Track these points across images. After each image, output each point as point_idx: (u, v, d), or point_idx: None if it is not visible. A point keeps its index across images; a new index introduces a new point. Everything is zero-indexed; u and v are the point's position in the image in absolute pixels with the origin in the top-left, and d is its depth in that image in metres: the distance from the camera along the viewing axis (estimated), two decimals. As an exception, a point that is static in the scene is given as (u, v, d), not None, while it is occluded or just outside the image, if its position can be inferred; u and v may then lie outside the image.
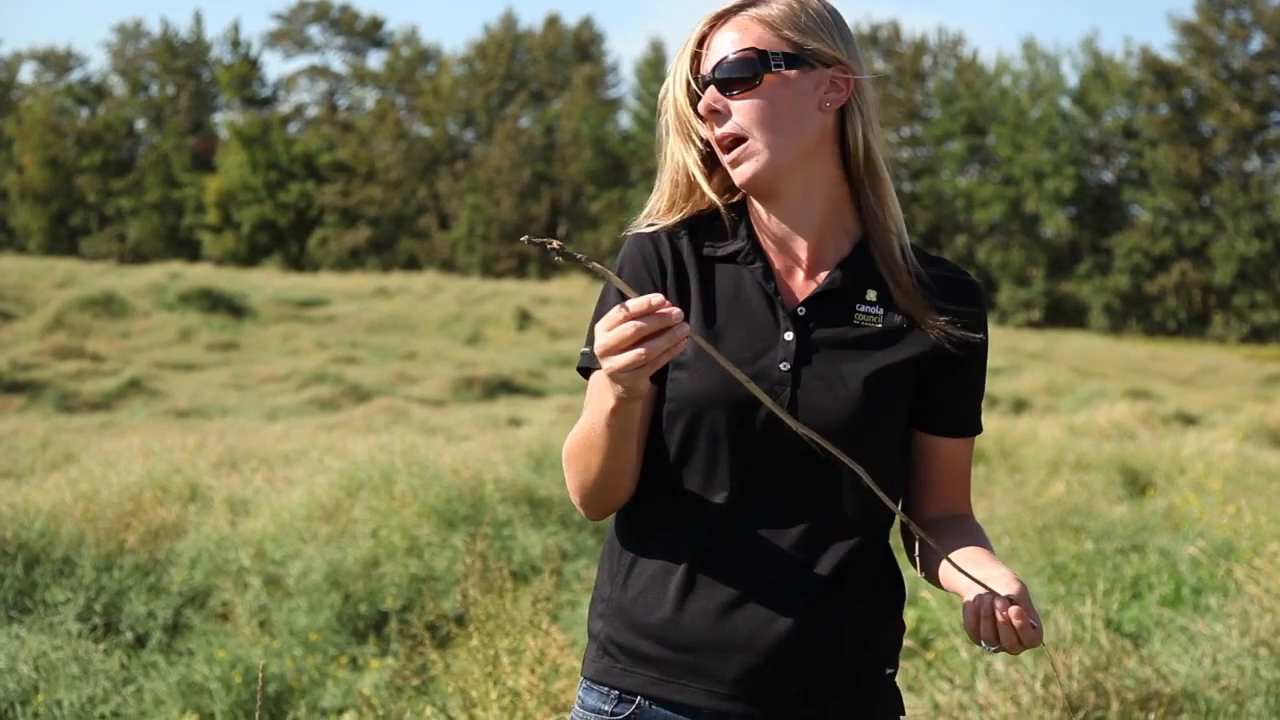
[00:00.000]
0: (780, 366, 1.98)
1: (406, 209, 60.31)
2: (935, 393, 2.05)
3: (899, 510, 1.86)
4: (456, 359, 25.03)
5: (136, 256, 56.42)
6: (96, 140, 64.14)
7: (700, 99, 2.02)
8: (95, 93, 67.03)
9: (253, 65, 66.06)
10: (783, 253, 2.05)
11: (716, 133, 2.00)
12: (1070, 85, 55.31)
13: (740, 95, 1.98)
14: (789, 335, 1.99)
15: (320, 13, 66.90)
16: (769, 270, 2.03)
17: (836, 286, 2.02)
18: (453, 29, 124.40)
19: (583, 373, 2.05)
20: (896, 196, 2.07)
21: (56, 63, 68.62)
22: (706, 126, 2.02)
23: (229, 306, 28.79)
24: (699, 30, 2.04)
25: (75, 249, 60.15)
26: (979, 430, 2.12)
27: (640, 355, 1.72)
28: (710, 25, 2.03)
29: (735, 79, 1.98)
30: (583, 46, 62.09)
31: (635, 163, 56.30)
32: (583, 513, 2.05)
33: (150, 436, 11.54)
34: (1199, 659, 4.86)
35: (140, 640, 5.96)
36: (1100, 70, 54.25)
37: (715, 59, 2.00)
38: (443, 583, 6.47)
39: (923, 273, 2.05)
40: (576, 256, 1.74)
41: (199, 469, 8.82)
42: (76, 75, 68.40)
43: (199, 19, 73.46)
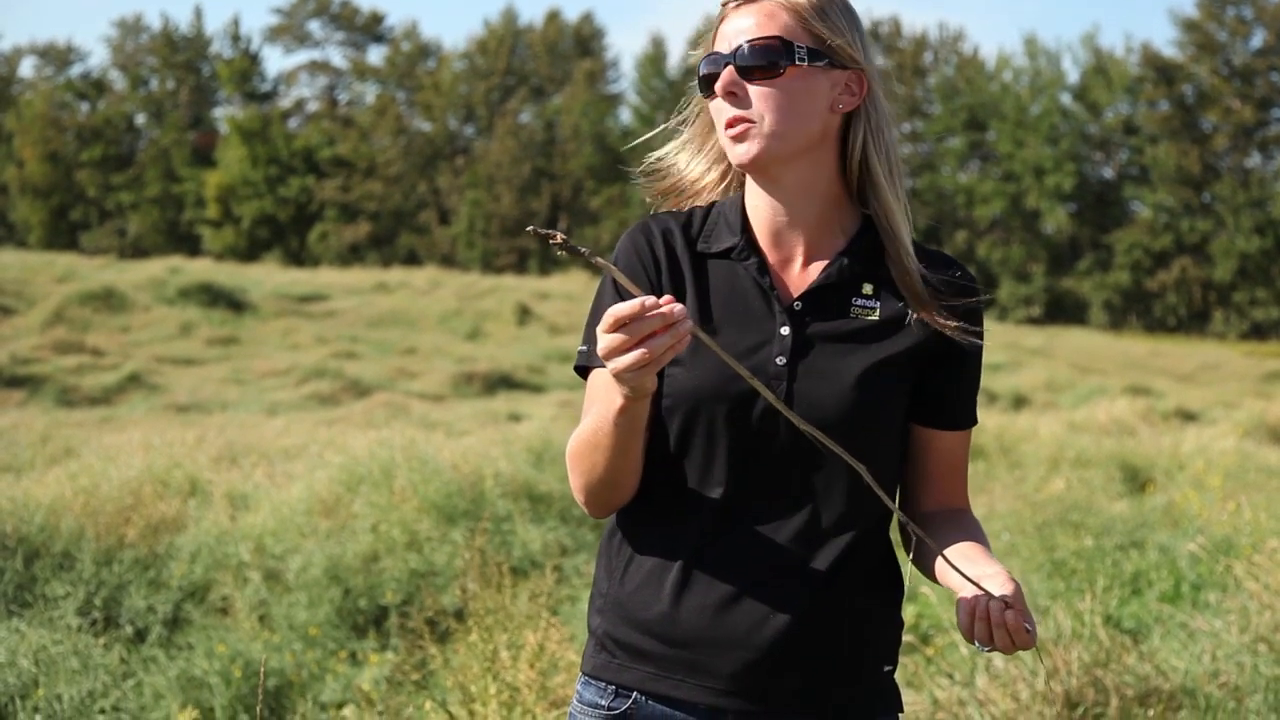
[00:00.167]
0: (776, 361, 1.98)
1: (407, 204, 60.28)
2: (932, 385, 2.04)
3: (896, 509, 1.85)
4: (456, 354, 25.02)
5: (136, 251, 56.39)
6: (96, 135, 64.11)
7: (709, 71, 2.01)
8: (95, 87, 66.98)
9: (253, 60, 66.03)
10: (778, 248, 2.05)
11: (729, 113, 1.99)
12: (1071, 81, 55.32)
13: (759, 81, 1.97)
14: (785, 330, 1.99)
15: (320, 8, 66.84)
16: (764, 265, 2.03)
17: (832, 281, 2.02)
18: (453, 24, 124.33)
19: (580, 372, 2.05)
20: (904, 194, 2.06)
21: (57, 57, 68.58)
22: (719, 104, 2.01)
23: (229, 301, 28.78)
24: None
25: (75, 243, 60.12)
26: (975, 423, 2.11)
27: (644, 354, 1.71)
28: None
29: (757, 65, 1.97)
30: (583, 41, 62.03)
31: (636, 158, 56.12)
32: (586, 511, 2.04)
33: (150, 431, 11.53)
34: (1198, 655, 4.86)
35: (140, 635, 5.97)
36: (1101, 66, 54.22)
37: (739, 39, 1.98)
38: (442, 578, 6.47)
39: (920, 267, 2.04)
40: (580, 250, 1.74)
41: (199, 464, 8.82)
42: (77, 70, 68.41)
43: (199, 13, 73.38)
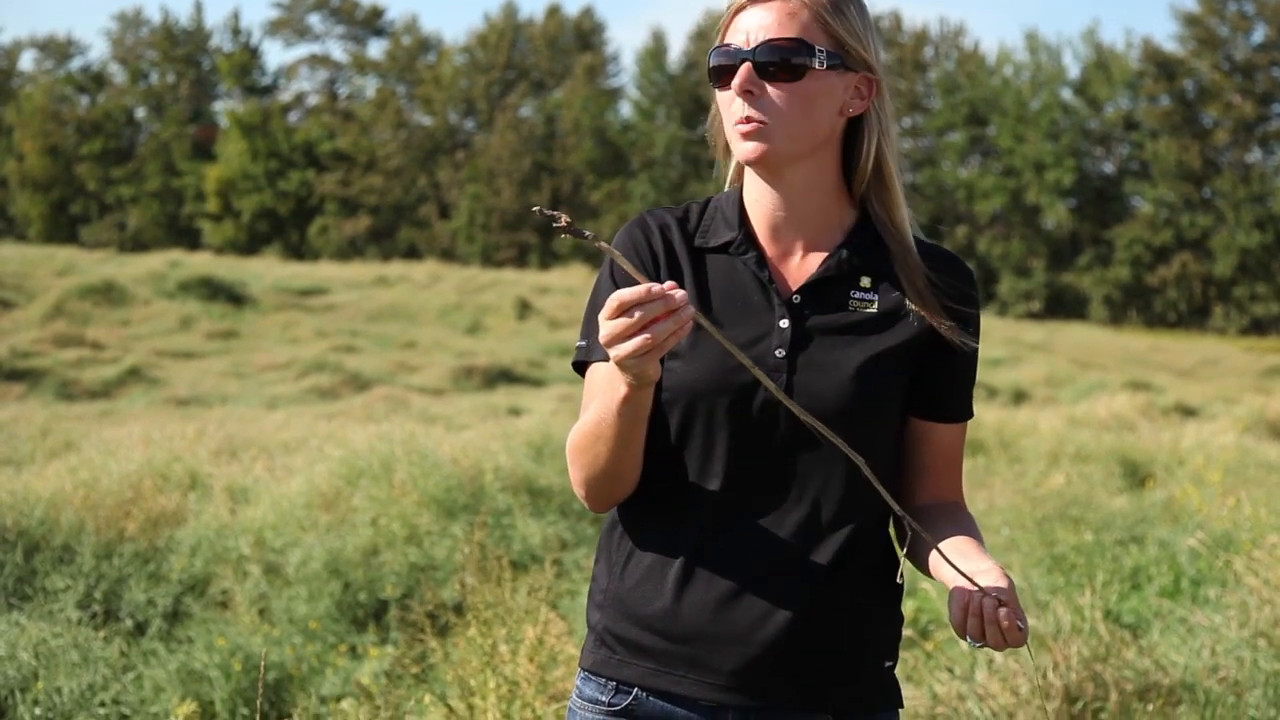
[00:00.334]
0: (776, 353, 1.97)
1: (407, 198, 60.25)
2: (929, 377, 2.04)
3: (895, 504, 1.85)
4: (456, 348, 25.02)
5: (136, 245, 56.34)
6: (96, 128, 64.05)
7: (714, 64, 1.99)
8: (95, 81, 66.92)
9: (253, 54, 65.98)
10: (776, 242, 2.04)
11: (743, 111, 1.96)
12: (1071, 76, 55.29)
13: (776, 82, 1.95)
14: (784, 323, 1.99)
15: (320, 1, 66.78)
16: (762, 259, 2.02)
17: (831, 274, 2.01)
18: (453, 18, 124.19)
19: (578, 368, 2.04)
20: (904, 194, 2.06)
21: (57, 50, 68.53)
22: (728, 96, 1.99)
23: (229, 295, 28.78)
24: None
25: (75, 237, 60.07)
26: (970, 415, 2.11)
27: (646, 340, 1.70)
28: None
29: (777, 67, 1.94)
30: (583, 36, 61.98)
31: (636, 152, 56.17)
32: (587, 505, 2.03)
33: (150, 425, 11.54)
34: (1198, 650, 4.86)
35: (140, 628, 5.97)
36: (1102, 61, 54.19)
37: (758, 35, 1.95)
38: (442, 571, 6.48)
39: (922, 263, 2.04)
40: (585, 234, 1.73)
41: (199, 457, 8.83)
42: (77, 63, 68.33)
43: (199, 7, 73.45)
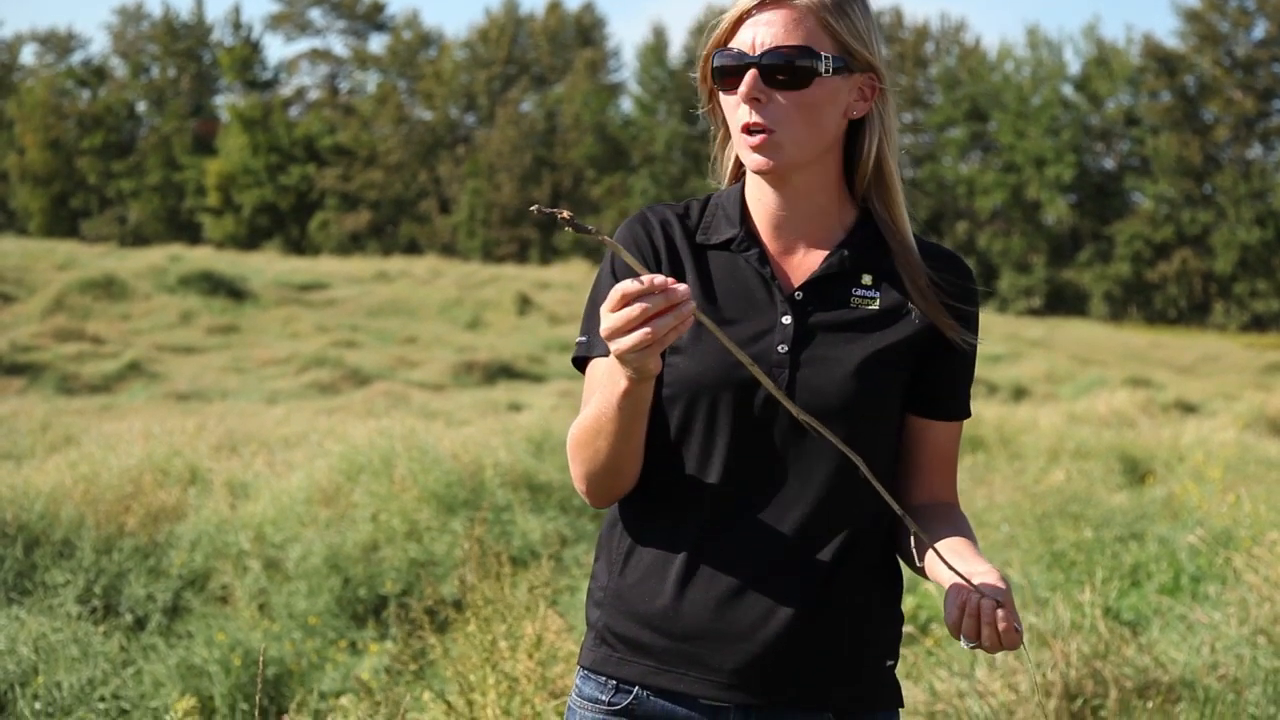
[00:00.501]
0: (778, 349, 1.98)
1: (407, 193, 60.22)
2: (929, 375, 2.04)
3: (894, 503, 1.85)
4: (456, 343, 25.02)
5: (137, 239, 56.33)
6: (97, 122, 64.02)
7: (719, 65, 1.98)
8: (96, 75, 66.88)
9: (254, 48, 65.93)
10: (778, 239, 2.04)
11: (750, 118, 1.95)
12: (1072, 72, 55.21)
13: (784, 91, 1.94)
14: (786, 319, 1.99)
15: (321, -5, 66.73)
16: (764, 256, 2.02)
17: (833, 271, 2.02)
18: (454, 13, 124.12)
19: (578, 364, 2.04)
20: (905, 192, 2.06)
21: (57, 44, 68.50)
22: (733, 100, 1.98)
23: (229, 289, 28.77)
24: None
25: (76, 231, 60.03)
26: (968, 415, 2.11)
27: (647, 334, 1.70)
28: None
29: (786, 76, 1.94)
30: (584, 31, 61.94)
31: (636, 148, 56.16)
32: (587, 501, 2.03)
33: (150, 419, 11.54)
34: (1197, 647, 4.86)
35: (140, 623, 5.97)
36: (1102, 57, 54.13)
37: (766, 40, 1.94)
38: (442, 567, 6.48)
39: (921, 260, 2.04)
40: (587, 228, 1.73)
41: (199, 452, 8.83)
42: (78, 57, 68.30)
43: (200, 1, 73.30)
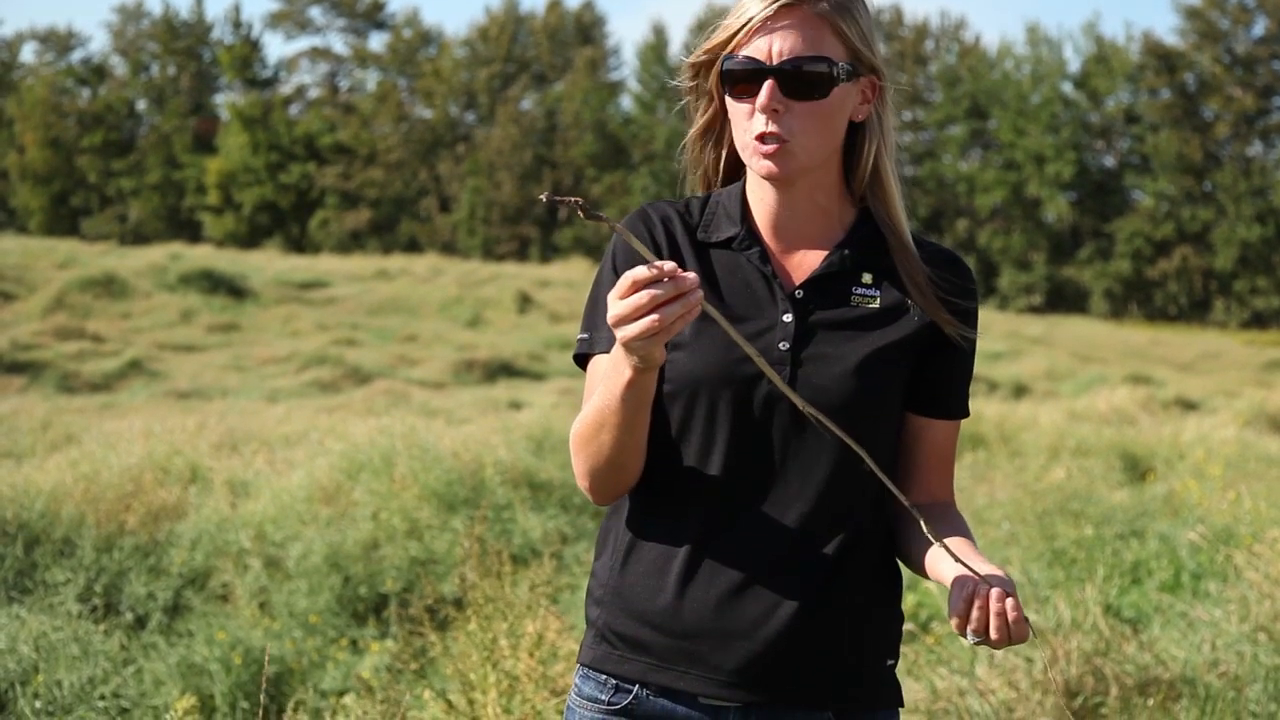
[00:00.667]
0: (780, 346, 1.98)
1: (407, 191, 60.21)
2: (929, 373, 2.05)
3: (901, 496, 1.84)
4: (457, 342, 25.00)
5: (137, 237, 56.30)
6: (97, 121, 64.00)
7: (732, 70, 1.97)
8: (96, 73, 66.86)
9: (254, 46, 65.90)
10: (778, 238, 2.05)
11: (765, 127, 1.95)
12: (1072, 70, 55.19)
13: (803, 101, 1.94)
14: (788, 317, 1.99)
15: (321, -6, 66.69)
16: (765, 254, 2.03)
17: (834, 270, 2.02)
18: (454, 11, 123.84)
19: (579, 361, 2.04)
20: (901, 191, 2.06)
21: (57, 43, 68.46)
22: (744, 107, 1.97)
23: (230, 288, 28.76)
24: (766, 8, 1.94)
25: (76, 229, 60.00)
26: (967, 414, 2.11)
27: (654, 322, 1.70)
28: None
29: (805, 87, 1.93)
30: (584, 29, 61.91)
31: (636, 146, 56.14)
32: (590, 498, 2.03)
33: (151, 418, 11.54)
34: (1198, 645, 4.86)
35: (140, 621, 5.97)
36: (1102, 55, 54.11)
37: (783, 51, 1.93)
38: (442, 566, 6.48)
39: (919, 258, 2.05)
40: (600, 216, 1.73)
41: (199, 450, 8.83)
42: (77, 55, 68.25)
43: (199, 0, 73.24)
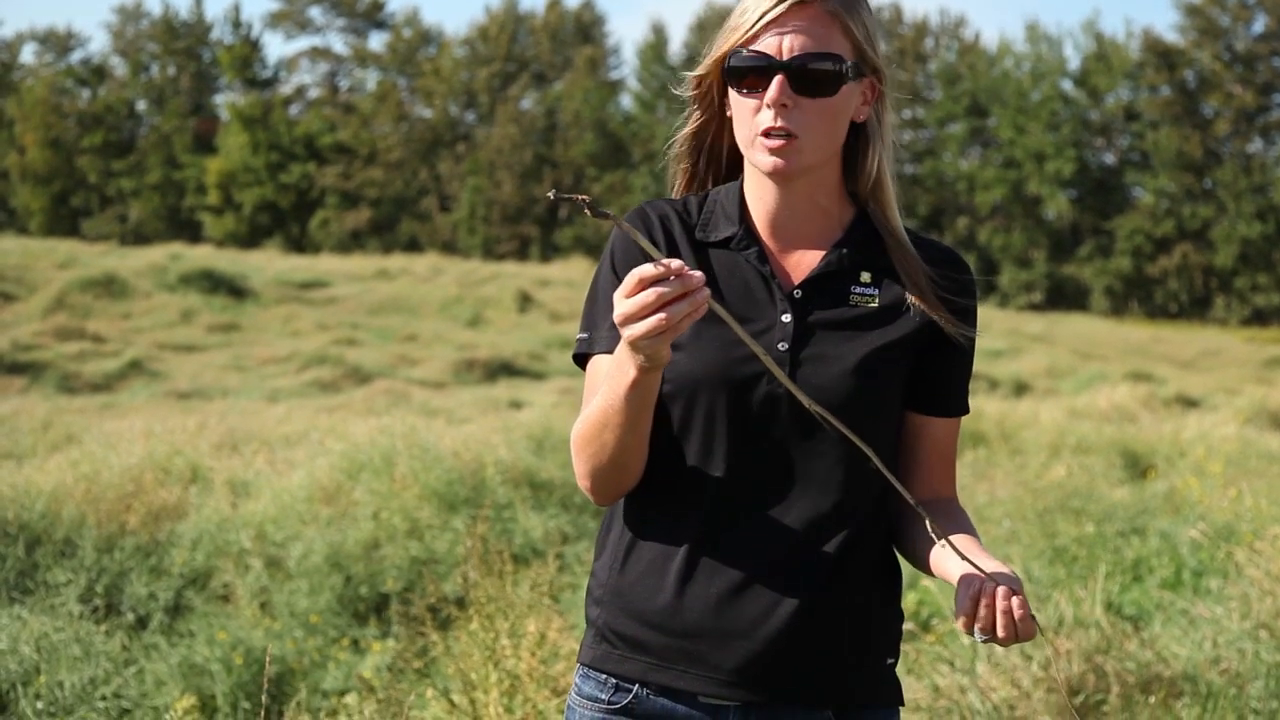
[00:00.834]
0: (779, 346, 1.98)
1: (408, 191, 60.19)
2: (929, 371, 2.04)
3: (907, 494, 1.84)
4: (457, 341, 25.00)
5: (137, 237, 56.28)
6: (97, 121, 63.99)
7: (739, 65, 1.96)
8: (96, 74, 66.85)
9: (254, 46, 65.89)
10: (776, 237, 2.05)
11: (776, 122, 1.95)
12: (1072, 67, 55.17)
13: (813, 98, 1.95)
14: (786, 317, 1.99)
15: (321, -7, 66.68)
16: (764, 254, 2.03)
17: (832, 269, 2.02)
18: (454, 10, 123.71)
19: (579, 361, 2.03)
20: (896, 190, 2.06)
21: (57, 43, 68.45)
22: (751, 102, 1.97)
23: (230, 288, 28.75)
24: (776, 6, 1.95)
25: (76, 230, 59.98)
26: (966, 411, 2.11)
27: (661, 320, 1.70)
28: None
29: (815, 83, 1.94)
30: (584, 28, 61.90)
31: (637, 145, 56.12)
32: (592, 499, 2.03)
33: (151, 418, 11.54)
34: (1199, 642, 4.86)
35: (141, 622, 5.97)
36: (1102, 52, 54.09)
37: (794, 46, 1.94)
38: (443, 565, 6.48)
39: (918, 257, 2.05)
40: (606, 213, 1.72)
41: (200, 450, 8.83)
42: (77, 56, 68.23)
43: (199, 0, 73.25)
